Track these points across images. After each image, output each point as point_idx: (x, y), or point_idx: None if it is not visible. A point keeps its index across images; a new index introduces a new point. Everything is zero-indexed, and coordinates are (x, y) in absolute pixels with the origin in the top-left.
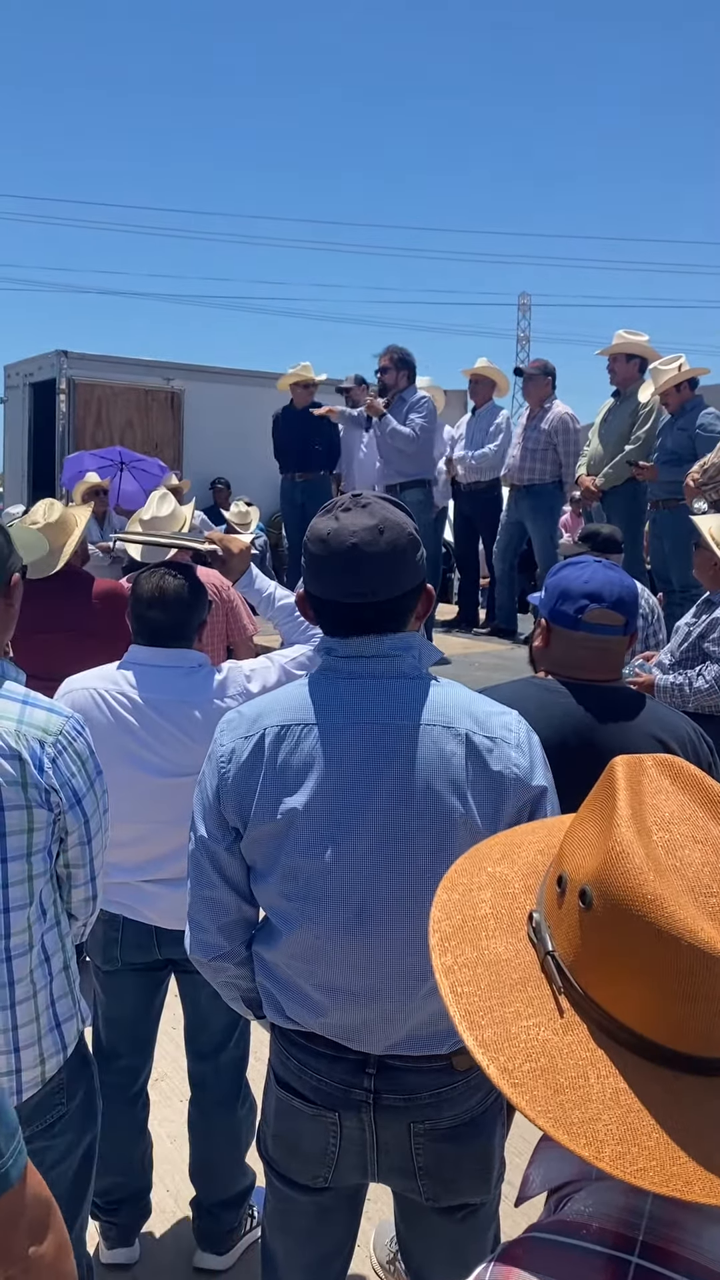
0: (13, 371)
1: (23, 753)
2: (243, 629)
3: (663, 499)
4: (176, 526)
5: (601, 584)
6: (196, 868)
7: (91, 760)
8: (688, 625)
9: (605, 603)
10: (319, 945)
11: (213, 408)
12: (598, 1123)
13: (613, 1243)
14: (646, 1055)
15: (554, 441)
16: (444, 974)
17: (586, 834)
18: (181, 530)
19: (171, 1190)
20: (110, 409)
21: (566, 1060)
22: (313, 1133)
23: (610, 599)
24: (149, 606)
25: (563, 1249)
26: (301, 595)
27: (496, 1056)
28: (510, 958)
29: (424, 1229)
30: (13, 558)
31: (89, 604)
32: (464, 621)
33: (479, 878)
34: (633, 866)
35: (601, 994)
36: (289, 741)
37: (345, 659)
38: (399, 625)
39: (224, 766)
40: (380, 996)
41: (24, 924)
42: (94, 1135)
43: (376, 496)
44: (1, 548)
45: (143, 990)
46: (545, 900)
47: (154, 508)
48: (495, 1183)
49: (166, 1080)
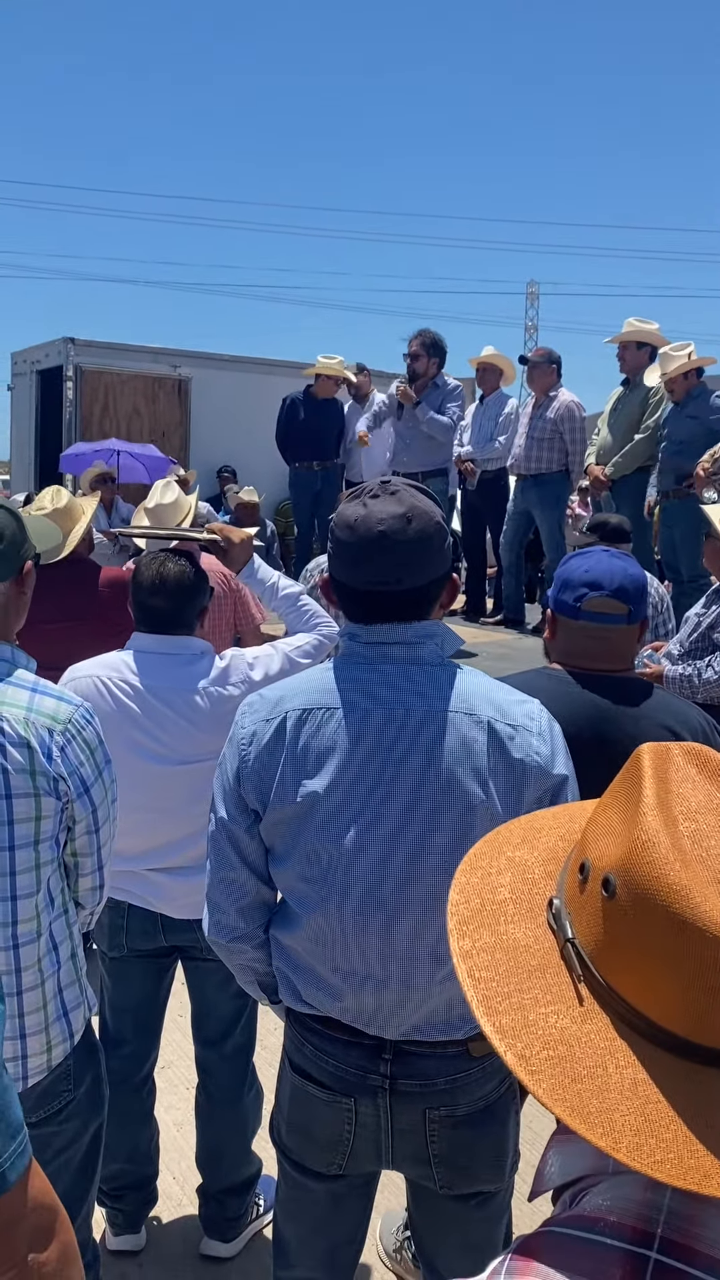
0: (20, 359)
1: (31, 740)
2: (251, 618)
3: (672, 488)
4: (181, 514)
5: (602, 572)
6: (216, 849)
7: (100, 749)
8: (697, 616)
9: (605, 591)
10: (337, 929)
11: (220, 395)
12: (615, 1113)
13: (631, 1237)
14: (666, 1046)
15: (560, 430)
16: (461, 958)
17: (611, 821)
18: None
19: (178, 1177)
20: (117, 396)
21: (585, 1049)
22: (328, 1119)
23: (610, 587)
24: (150, 594)
25: (580, 1243)
26: (326, 580)
27: (514, 1043)
28: (529, 943)
29: (437, 1217)
30: (26, 545)
31: (95, 592)
32: (470, 611)
33: (498, 861)
34: (658, 856)
35: (622, 983)
36: (310, 725)
37: (368, 645)
38: (423, 613)
39: (245, 749)
40: (397, 981)
41: (31, 912)
42: (101, 1122)
43: (405, 484)
44: (16, 535)
45: (149, 977)
46: (566, 887)
47: (158, 496)
48: (509, 1170)
49: (172, 1067)
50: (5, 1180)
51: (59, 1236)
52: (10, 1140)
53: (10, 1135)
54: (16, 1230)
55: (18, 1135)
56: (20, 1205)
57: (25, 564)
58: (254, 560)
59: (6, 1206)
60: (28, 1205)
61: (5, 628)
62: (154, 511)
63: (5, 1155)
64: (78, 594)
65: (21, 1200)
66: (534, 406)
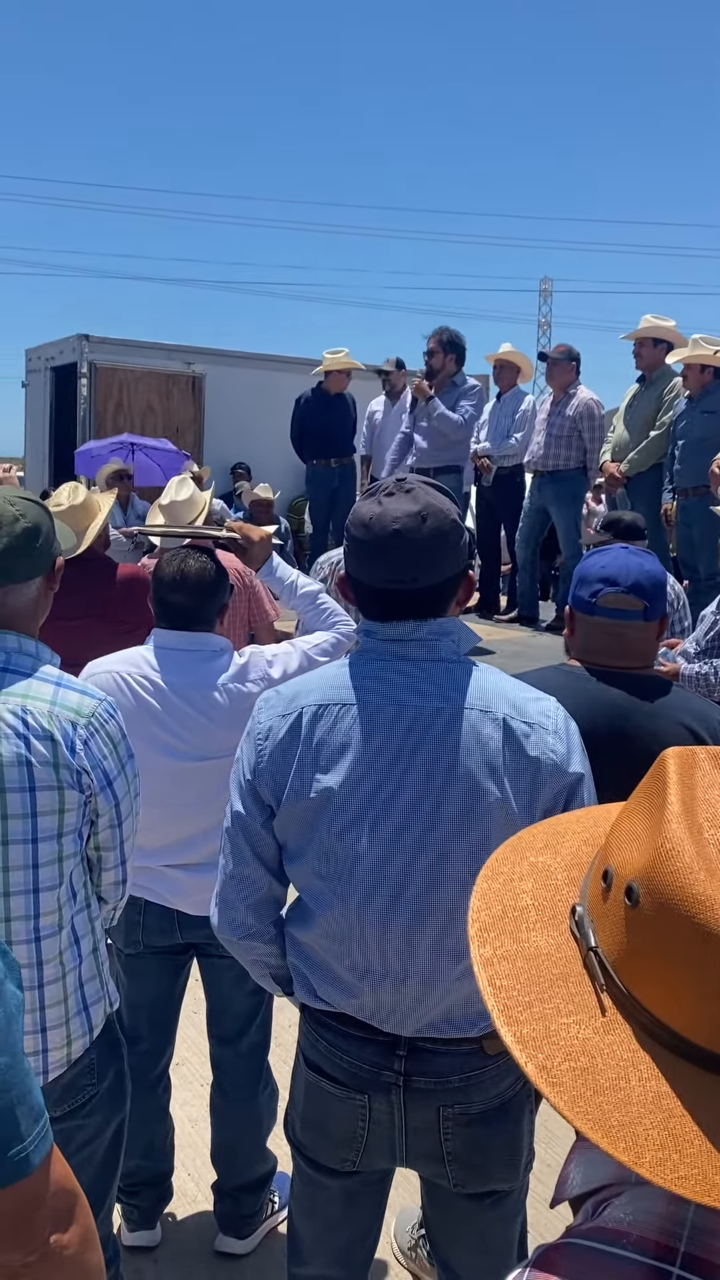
0: (34, 355)
1: (55, 734)
2: (265, 614)
3: (689, 486)
4: (196, 511)
5: (618, 569)
6: (231, 844)
7: (124, 744)
8: (713, 615)
9: (620, 587)
10: (351, 926)
11: (233, 392)
12: (638, 1126)
13: (654, 1252)
14: (690, 1058)
15: (579, 428)
16: (482, 966)
17: (635, 828)
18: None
19: (193, 1174)
20: (131, 393)
21: (607, 1061)
22: (342, 1115)
23: (625, 583)
24: (171, 590)
25: (602, 1256)
26: (342, 577)
27: (535, 1054)
28: (551, 951)
29: (451, 1215)
30: (56, 543)
31: (111, 589)
32: (484, 608)
33: (520, 867)
34: (682, 865)
35: (645, 994)
36: (326, 721)
37: (385, 642)
38: (439, 611)
39: (261, 744)
40: (412, 978)
41: (54, 905)
42: (123, 1117)
43: (420, 481)
44: (49, 533)
45: (164, 974)
46: (589, 894)
47: (173, 493)
48: (524, 1169)
49: (187, 1064)
50: (29, 1163)
51: (79, 1220)
52: (34, 1124)
53: (34, 1119)
54: (39, 1213)
55: (40, 1119)
56: (43, 1188)
57: (57, 561)
58: (273, 558)
59: (30, 1189)
60: (50, 1189)
61: (32, 623)
62: (169, 509)
63: (29, 1139)
64: (94, 590)
65: (44, 1183)
66: (553, 403)
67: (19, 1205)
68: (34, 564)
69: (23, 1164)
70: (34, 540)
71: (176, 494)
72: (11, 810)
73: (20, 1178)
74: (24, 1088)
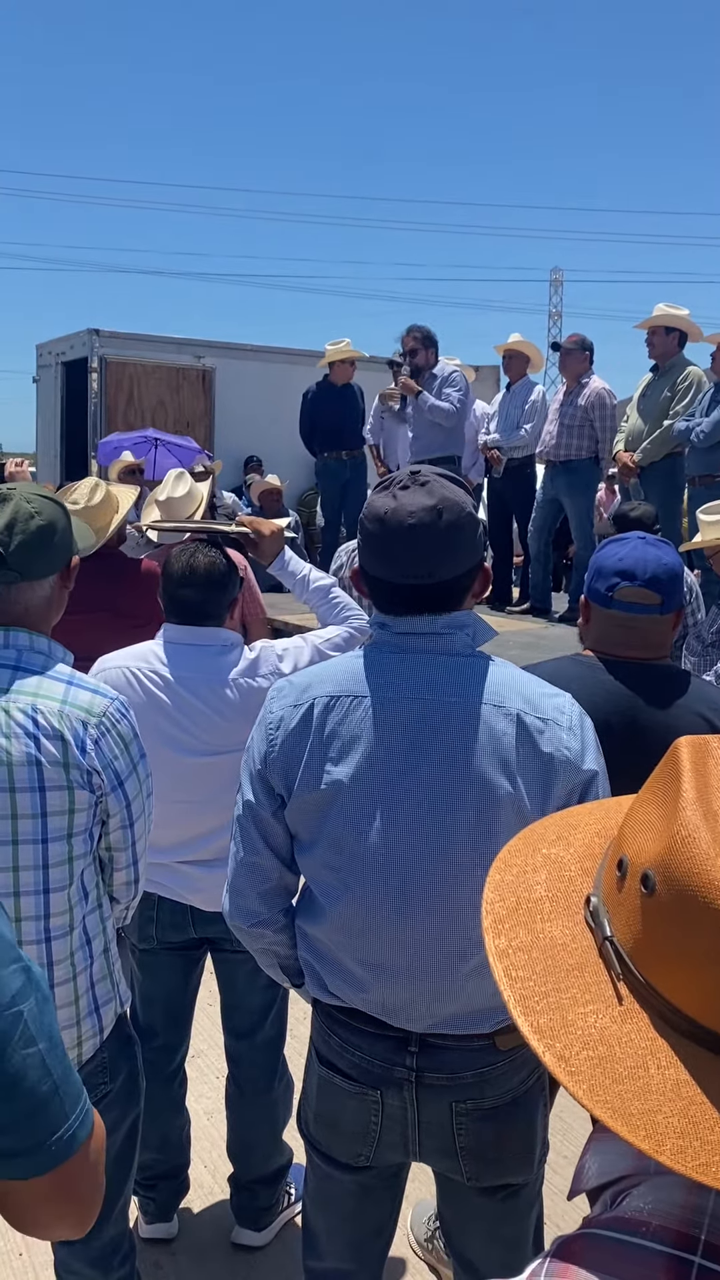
0: (44, 350)
1: (65, 733)
2: (257, 607)
3: (700, 475)
4: (193, 506)
5: (635, 562)
6: (242, 832)
7: (135, 744)
8: None
9: (638, 581)
10: (362, 919)
11: (244, 385)
12: (658, 1115)
13: (674, 1242)
14: (708, 1046)
15: (591, 418)
16: (498, 957)
17: (649, 817)
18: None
19: (209, 1167)
20: (142, 387)
21: (625, 1049)
22: (354, 1110)
23: (643, 577)
24: (180, 585)
25: (622, 1246)
26: (356, 571)
27: (553, 1043)
28: (567, 941)
29: (465, 1210)
30: (73, 541)
31: (124, 584)
32: (495, 599)
33: (534, 859)
34: (699, 852)
35: (662, 982)
36: (337, 712)
37: (399, 635)
38: (455, 604)
39: (272, 734)
40: (422, 973)
41: (65, 905)
42: (138, 1113)
43: (435, 473)
44: (66, 530)
45: (179, 969)
46: (604, 884)
47: (169, 488)
48: (538, 1163)
49: (202, 1057)
50: (75, 1140)
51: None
52: (76, 1102)
53: (76, 1098)
54: (80, 1184)
55: (80, 1098)
56: (87, 1162)
57: (73, 559)
58: (285, 552)
59: (76, 1166)
60: (91, 1160)
61: (45, 621)
62: (166, 504)
63: (74, 1116)
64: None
65: (87, 1157)
66: (565, 393)
67: (66, 1181)
68: (49, 562)
69: (69, 1144)
70: (49, 538)
71: (173, 489)
72: (21, 810)
73: (66, 1159)
74: (63, 1069)
